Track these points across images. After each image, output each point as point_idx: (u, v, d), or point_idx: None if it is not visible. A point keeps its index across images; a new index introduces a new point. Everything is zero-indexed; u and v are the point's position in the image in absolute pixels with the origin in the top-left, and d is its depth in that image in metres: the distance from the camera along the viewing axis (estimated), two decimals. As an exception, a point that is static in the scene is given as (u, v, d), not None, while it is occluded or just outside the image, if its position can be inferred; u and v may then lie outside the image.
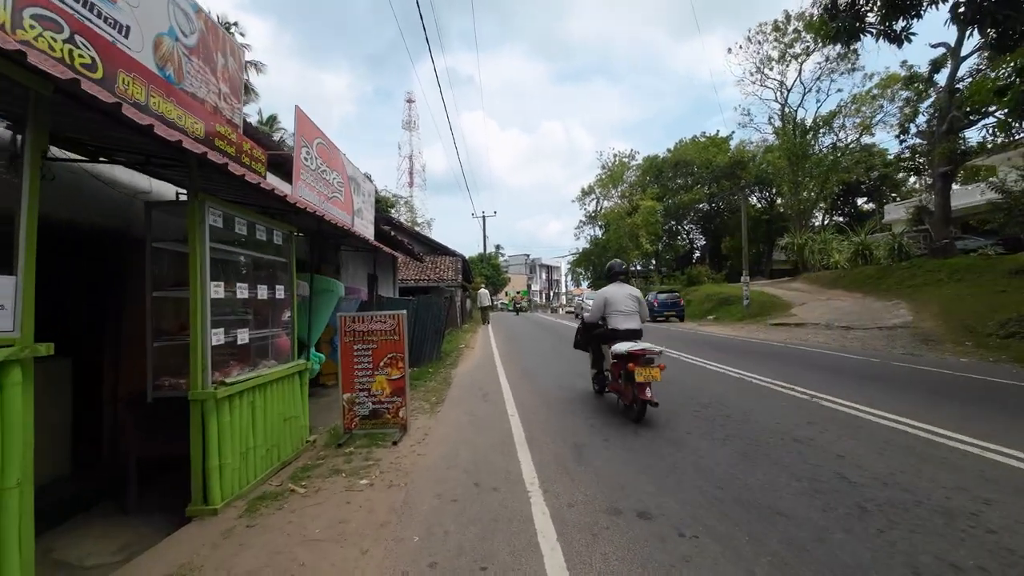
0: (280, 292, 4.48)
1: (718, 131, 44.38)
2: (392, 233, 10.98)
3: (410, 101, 71.56)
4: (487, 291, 28.51)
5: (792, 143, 30.69)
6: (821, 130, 31.13)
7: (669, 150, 45.09)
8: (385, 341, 4.97)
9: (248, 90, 32.86)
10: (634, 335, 5.43)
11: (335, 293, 6.60)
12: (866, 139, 31.68)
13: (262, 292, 4.16)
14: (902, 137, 22.97)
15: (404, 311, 5.03)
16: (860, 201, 44.76)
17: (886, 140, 32.67)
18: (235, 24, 29.87)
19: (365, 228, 8.25)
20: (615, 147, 71.75)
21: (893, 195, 41.71)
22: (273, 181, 5.99)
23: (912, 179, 41.00)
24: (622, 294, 5.63)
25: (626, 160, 45.15)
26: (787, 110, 32.77)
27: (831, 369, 8.14)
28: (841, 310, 18.59)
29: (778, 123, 33.15)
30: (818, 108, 32.36)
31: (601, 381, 6.16)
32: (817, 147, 31.77)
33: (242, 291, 3.89)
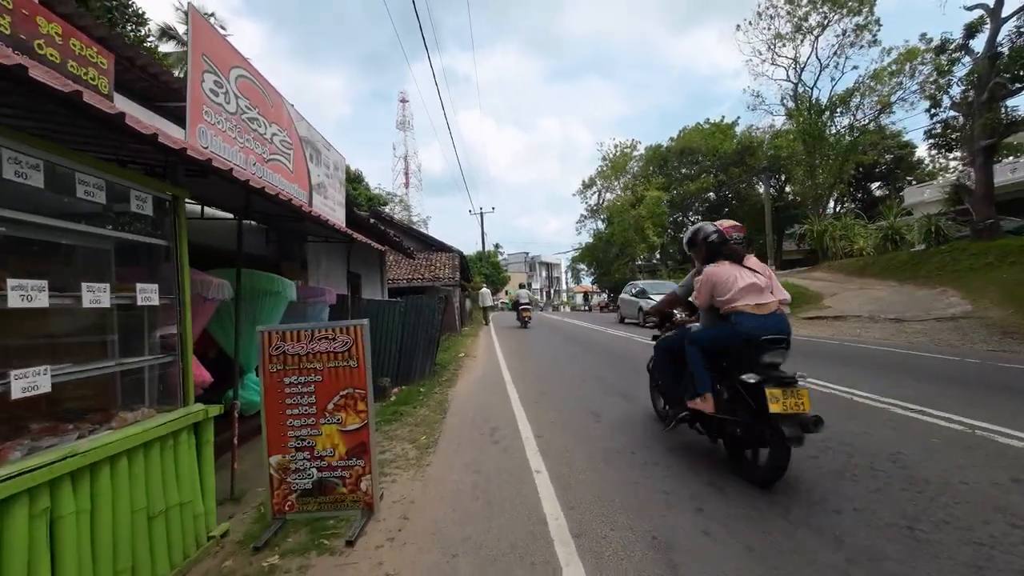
0: (149, 295, 2.64)
1: (723, 117, 42.59)
2: (373, 223, 9.14)
3: (404, 101, 70.01)
4: (488, 291, 26.84)
5: (808, 124, 28.82)
6: (838, 109, 29.23)
7: (672, 139, 43.26)
8: (335, 370, 3.14)
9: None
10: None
11: (282, 296, 4.77)
12: (884, 119, 29.75)
13: (96, 296, 2.32)
14: (933, 111, 21.11)
15: (365, 321, 3.19)
16: (873, 186, 43.06)
17: (903, 119, 30.90)
18: None
19: (330, 210, 6.41)
20: (616, 138, 70.10)
21: (909, 178, 39.96)
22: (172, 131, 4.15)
23: (927, 160, 39.29)
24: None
25: (628, 150, 43.28)
26: (801, 89, 30.90)
27: (930, 375, 6.35)
28: (882, 300, 16.78)
29: (791, 104, 31.22)
30: (833, 87, 30.50)
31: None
32: (833, 128, 29.89)
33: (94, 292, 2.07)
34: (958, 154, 26.79)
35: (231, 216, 4.58)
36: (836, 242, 27.36)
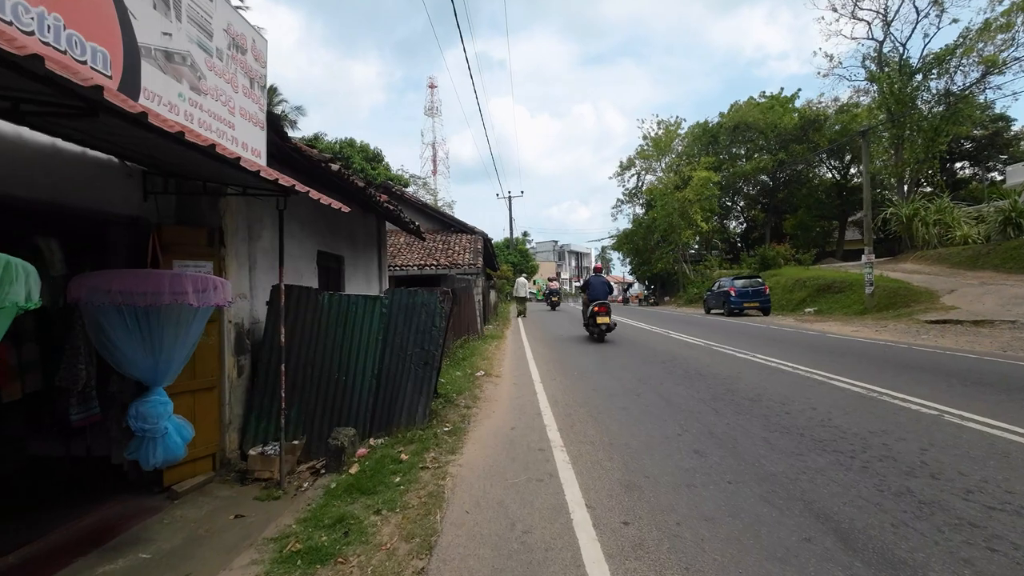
0: None
1: (782, 89, 37.78)
2: (361, 185, 6.11)
3: (432, 86, 67.16)
4: (525, 280, 23.50)
5: (897, 88, 24.33)
6: (933, 71, 24.60)
7: (722, 114, 38.81)
8: None
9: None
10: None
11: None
12: (989, 85, 24.89)
13: None
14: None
15: None
16: (956, 166, 37.70)
17: (1010, 82, 25.19)
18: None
19: (217, 120, 3.39)
20: (658, 115, 64.94)
21: (1003, 156, 34.60)
22: None
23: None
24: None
25: (672, 128, 39.08)
26: (887, 49, 26.30)
27: None
28: (1029, 300, 12.89)
29: (874, 68, 26.69)
30: (926, 44, 25.83)
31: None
32: (926, 94, 25.28)
33: None
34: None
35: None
36: (929, 228, 23.06)
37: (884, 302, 15.60)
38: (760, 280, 19.63)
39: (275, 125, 4.19)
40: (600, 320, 10.67)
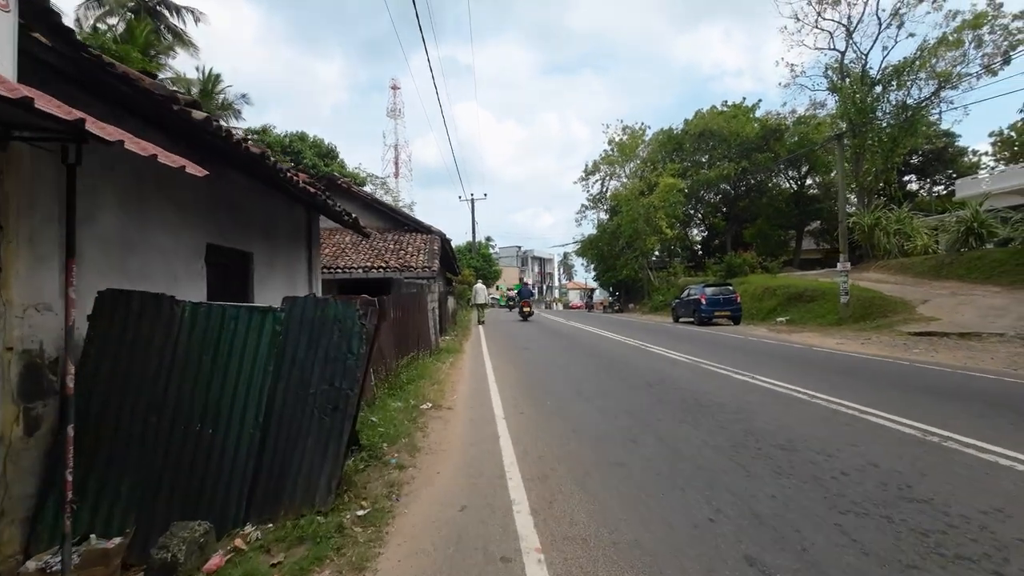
0: None
1: (744, 98, 38.12)
2: (253, 151, 4.42)
3: (395, 88, 65.04)
4: (483, 286, 22.38)
5: (858, 99, 24.47)
6: (892, 83, 24.89)
7: (687, 121, 38.72)
8: None
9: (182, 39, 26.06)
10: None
11: None
12: (940, 99, 25.47)
13: None
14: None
15: None
16: (905, 179, 38.97)
17: (962, 96, 25.80)
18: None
19: None
20: (623, 120, 64.36)
21: (949, 171, 35.96)
22: None
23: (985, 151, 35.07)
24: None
25: (638, 133, 38.63)
26: (849, 60, 26.55)
27: None
28: (1007, 311, 12.49)
29: (835, 78, 26.89)
30: (885, 56, 26.22)
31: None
32: (886, 105, 25.58)
33: None
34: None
35: None
36: (890, 237, 23.17)
37: (859, 312, 15.04)
38: (731, 288, 18.90)
39: (46, 14, 2.46)
40: (526, 310, 22.89)
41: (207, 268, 5.23)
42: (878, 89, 25.42)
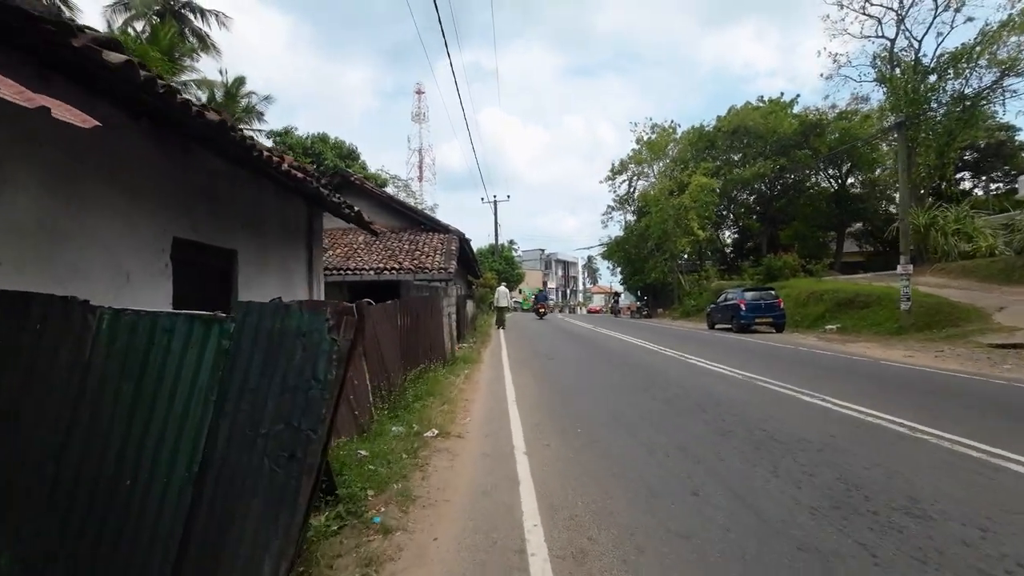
0: None
1: (782, 94, 36.25)
2: (211, 117, 3.56)
3: (419, 92, 65.12)
4: (506, 289, 21.53)
5: (910, 88, 22.61)
6: (949, 71, 22.94)
7: (720, 117, 37.03)
8: None
9: (205, 42, 26.13)
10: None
11: None
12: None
13: None
14: None
15: None
16: (958, 176, 36.28)
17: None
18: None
19: None
20: (652, 118, 62.36)
21: (1007, 167, 33.25)
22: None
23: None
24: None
25: (668, 131, 37.10)
26: (899, 48, 24.66)
27: None
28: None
29: (885, 68, 25.01)
30: (939, 44, 24.22)
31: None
32: (940, 96, 23.60)
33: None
34: None
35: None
36: (948, 238, 21.25)
37: (923, 320, 13.48)
38: (773, 292, 17.47)
39: None
40: (541, 311, 28.53)
41: (176, 267, 4.44)
42: (932, 78, 23.49)
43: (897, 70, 24.48)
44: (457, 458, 4.07)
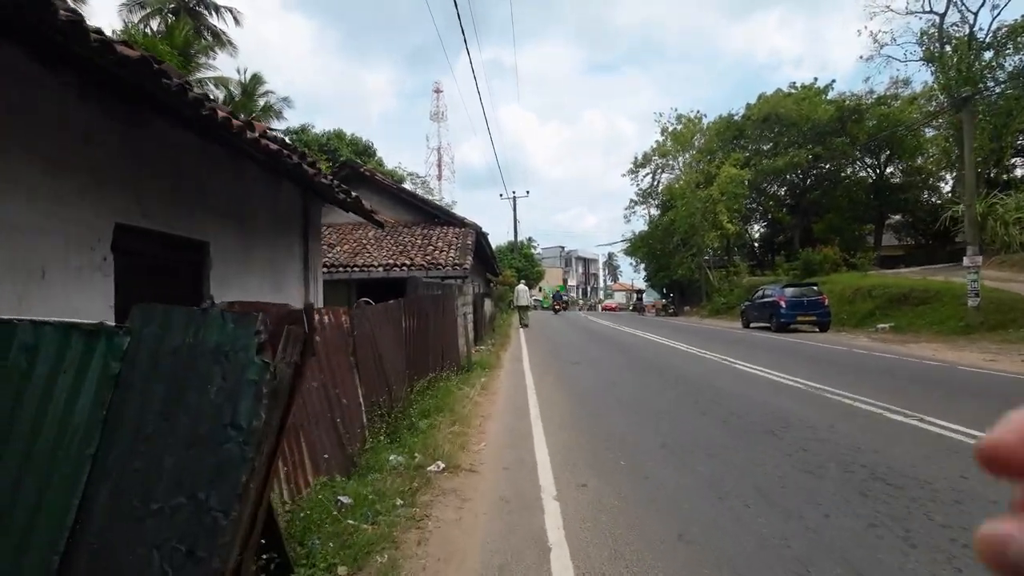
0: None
1: (816, 79, 34.22)
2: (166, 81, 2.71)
3: (438, 91, 64.50)
4: (525, 287, 20.64)
5: (964, 67, 20.78)
6: (1008, 46, 21.03)
7: (749, 105, 35.29)
8: None
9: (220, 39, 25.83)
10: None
11: None
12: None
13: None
14: None
15: None
16: (1011, 162, 33.76)
17: None
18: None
19: None
20: (677, 108, 59.53)
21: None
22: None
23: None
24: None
25: (694, 121, 35.49)
26: (950, 23, 22.77)
27: None
28: None
29: (933, 45, 23.13)
30: (995, 16, 22.28)
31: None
32: (997, 74, 21.68)
33: None
34: None
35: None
36: (1009, 228, 19.46)
37: (995, 318, 12.05)
38: (816, 288, 16.11)
39: None
40: (557, 307, 35.06)
41: (126, 262, 3.62)
42: (988, 54, 21.59)
43: (948, 47, 22.62)
44: (467, 505, 3.14)
